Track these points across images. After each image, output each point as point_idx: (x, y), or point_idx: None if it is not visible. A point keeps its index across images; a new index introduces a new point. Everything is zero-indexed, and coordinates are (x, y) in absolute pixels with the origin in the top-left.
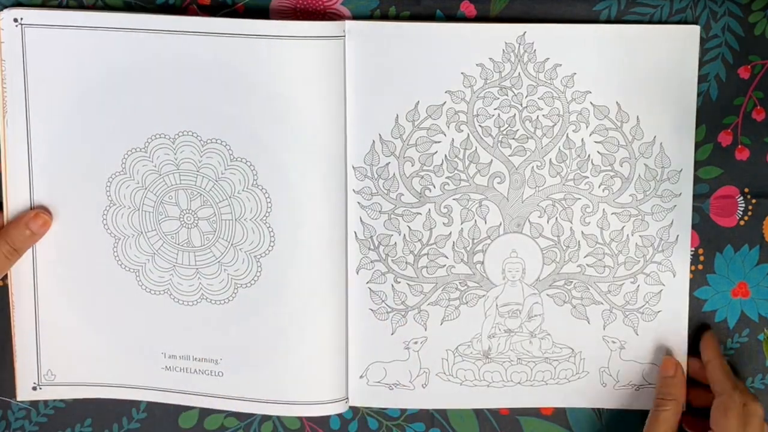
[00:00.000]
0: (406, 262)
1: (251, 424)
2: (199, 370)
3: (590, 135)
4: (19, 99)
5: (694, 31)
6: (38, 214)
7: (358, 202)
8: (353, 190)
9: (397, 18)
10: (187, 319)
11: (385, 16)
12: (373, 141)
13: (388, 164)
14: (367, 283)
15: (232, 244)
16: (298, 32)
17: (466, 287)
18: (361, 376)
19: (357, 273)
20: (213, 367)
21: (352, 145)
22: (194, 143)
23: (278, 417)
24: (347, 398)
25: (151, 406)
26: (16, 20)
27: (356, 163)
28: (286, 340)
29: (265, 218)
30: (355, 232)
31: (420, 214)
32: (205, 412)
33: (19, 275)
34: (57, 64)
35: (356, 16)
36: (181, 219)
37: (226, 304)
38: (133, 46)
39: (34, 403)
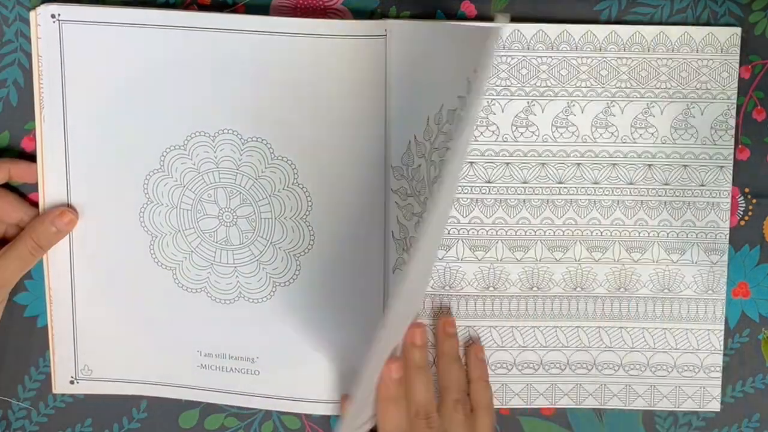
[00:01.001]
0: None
1: (251, 424)
2: (235, 369)
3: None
4: (56, 96)
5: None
6: (64, 212)
7: (396, 202)
8: (391, 189)
9: (397, 17)
10: (223, 318)
11: (385, 16)
12: (410, 141)
13: (419, 166)
14: None
15: (271, 243)
16: (339, 31)
17: None
18: None
19: (393, 273)
20: (249, 365)
21: (391, 145)
22: (234, 141)
23: (279, 417)
24: None
25: (152, 405)
26: (53, 16)
27: (395, 162)
28: (323, 337)
29: (305, 217)
30: (393, 232)
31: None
32: (205, 412)
33: (57, 271)
34: (95, 61)
35: (356, 16)
36: (220, 217)
37: (263, 302)
38: (172, 44)
39: (35, 403)
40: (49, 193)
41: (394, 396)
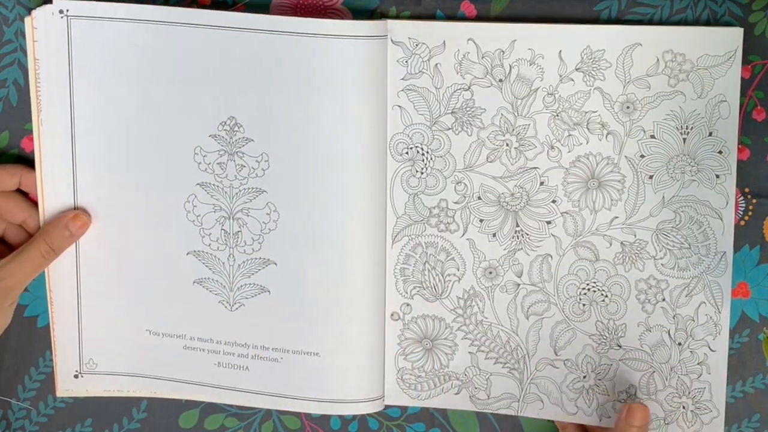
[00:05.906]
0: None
1: (251, 424)
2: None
3: None
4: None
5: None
6: (78, 215)
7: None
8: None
9: (397, 17)
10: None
11: (384, 16)
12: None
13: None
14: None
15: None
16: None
17: None
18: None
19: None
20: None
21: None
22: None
23: (279, 417)
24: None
25: (152, 406)
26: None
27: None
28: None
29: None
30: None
31: None
32: (205, 412)
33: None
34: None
35: (356, 16)
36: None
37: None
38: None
39: (35, 403)
40: (50, 194)
41: None
